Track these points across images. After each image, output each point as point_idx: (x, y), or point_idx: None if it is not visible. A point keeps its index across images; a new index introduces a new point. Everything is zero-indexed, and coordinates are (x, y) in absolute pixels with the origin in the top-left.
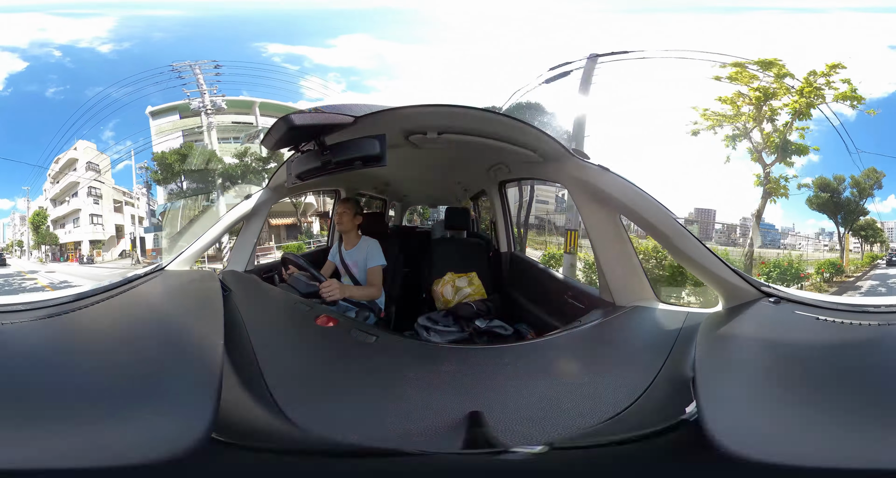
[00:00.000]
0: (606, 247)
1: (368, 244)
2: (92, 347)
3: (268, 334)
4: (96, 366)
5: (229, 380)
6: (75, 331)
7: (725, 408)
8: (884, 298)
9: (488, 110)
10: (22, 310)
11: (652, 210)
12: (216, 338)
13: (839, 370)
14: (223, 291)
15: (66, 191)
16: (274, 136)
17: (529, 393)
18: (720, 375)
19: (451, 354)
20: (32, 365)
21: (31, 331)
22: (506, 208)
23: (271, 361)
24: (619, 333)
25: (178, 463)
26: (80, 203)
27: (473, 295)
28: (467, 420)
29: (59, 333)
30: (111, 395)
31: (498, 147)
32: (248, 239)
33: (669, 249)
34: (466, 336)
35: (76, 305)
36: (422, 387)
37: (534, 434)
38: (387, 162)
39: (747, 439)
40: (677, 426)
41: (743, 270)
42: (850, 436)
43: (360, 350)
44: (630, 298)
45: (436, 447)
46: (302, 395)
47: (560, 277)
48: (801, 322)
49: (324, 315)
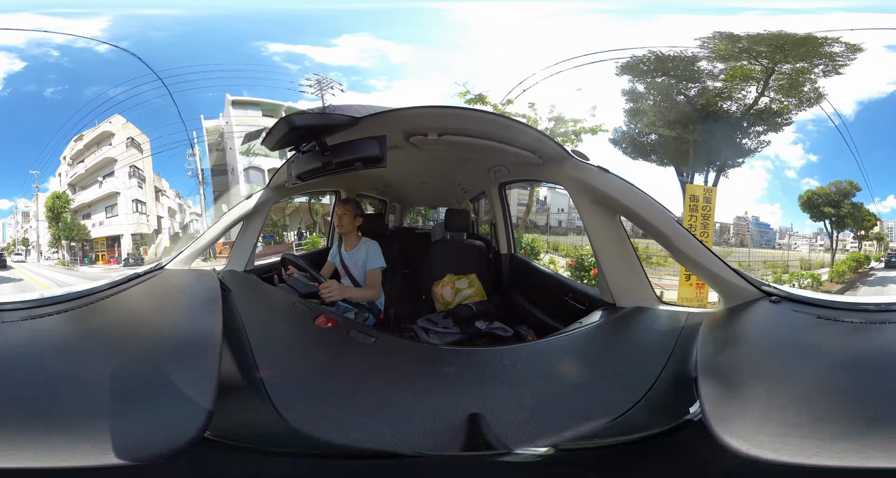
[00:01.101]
0: (607, 248)
1: (368, 246)
2: (90, 345)
3: (266, 335)
4: (94, 365)
5: (227, 380)
6: (74, 330)
7: (729, 407)
8: (884, 298)
9: (488, 112)
10: (20, 308)
11: (651, 211)
12: (215, 338)
13: (840, 369)
14: (222, 290)
15: (93, 171)
16: (275, 136)
17: (531, 394)
18: (722, 374)
19: (450, 355)
20: (29, 364)
21: (29, 329)
22: (506, 210)
23: (269, 361)
24: (620, 333)
25: (170, 463)
26: (119, 185)
27: (473, 297)
28: (467, 422)
29: (57, 332)
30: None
31: (498, 149)
32: (248, 239)
33: (670, 249)
34: (466, 338)
35: (74, 303)
36: (421, 389)
37: (536, 436)
38: (387, 163)
39: (752, 439)
40: (682, 427)
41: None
42: (851, 434)
43: (358, 351)
44: (631, 298)
45: (435, 449)
46: (299, 396)
47: (560, 279)
48: (801, 321)
49: (323, 316)
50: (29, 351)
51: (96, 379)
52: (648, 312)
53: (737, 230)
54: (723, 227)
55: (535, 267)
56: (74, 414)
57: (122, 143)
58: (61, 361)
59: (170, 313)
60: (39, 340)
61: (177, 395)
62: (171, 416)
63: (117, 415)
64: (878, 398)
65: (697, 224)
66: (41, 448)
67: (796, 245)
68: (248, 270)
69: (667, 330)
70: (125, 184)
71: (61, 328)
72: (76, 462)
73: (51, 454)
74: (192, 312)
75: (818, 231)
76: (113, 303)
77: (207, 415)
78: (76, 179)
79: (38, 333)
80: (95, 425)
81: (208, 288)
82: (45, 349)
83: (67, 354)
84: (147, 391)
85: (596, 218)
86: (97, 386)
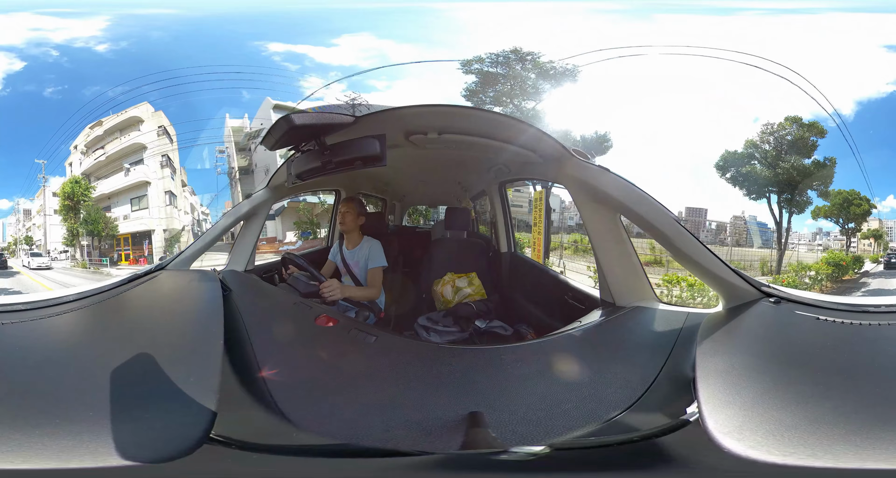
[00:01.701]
0: (606, 247)
1: (370, 245)
2: (92, 347)
3: (267, 334)
4: (96, 365)
5: (229, 379)
6: (76, 331)
7: (726, 408)
8: (884, 298)
9: (488, 111)
10: (22, 309)
11: (652, 210)
12: (216, 338)
13: (839, 370)
14: (223, 290)
15: (117, 158)
16: (274, 135)
17: (530, 393)
18: (721, 375)
19: (450, 354)
20: (32, 365)
21: (31, 330)
22: (506, 209)
23: (271, 360)
24: (619, 333)
25: (176, 463)
26: (150, 173)
27: (473, 295)
28: (467, 420)
29: (60, 333)
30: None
31: (498, 147)
32: (249, 239)
33: (669, 249)
34: (466, 336)
35: (76, 305)
36: (421, 387)
37: (534, 435)
38: (387, 162)
39: (748, 439)
40: (679, 427)
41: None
42: (851, 436)
43: (359, 350)
44: (630, 298)
45: (435, 447)
46: (301, 395)
47: (560, 278)
48: (801, 322)
49: (323, 315)
50: (32, 352)
51: (99, 380)
52: (648, 312)
53: (734, 229)
54: (720, 226)
55: (535, 266)
56: (77, 415)
57: (153, 131)
58: (64, 362)
59: (171, 314)
60: (43, 342)
61: (180, 396)
62: (175, 417)
63: (120, 416)
64: (878, 400)
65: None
66: (44, 449)
67: (793, 245)
68: (249, 269)
69: (666, 330)
70: (157, 173)
71: (64, 329)
72: (79, 464)
73: (53, 455)
74: (193, 313)
75: (817, 230)
76: (115, 304)
77: (211, 416)
78: (93, 168)
79: (42, 334)
80: (99, 427)
81: (209, 288)
82: (48, 350)
83: (70, 355)
84: (150, 392)
85: (596, 217)
86: (100, 387)
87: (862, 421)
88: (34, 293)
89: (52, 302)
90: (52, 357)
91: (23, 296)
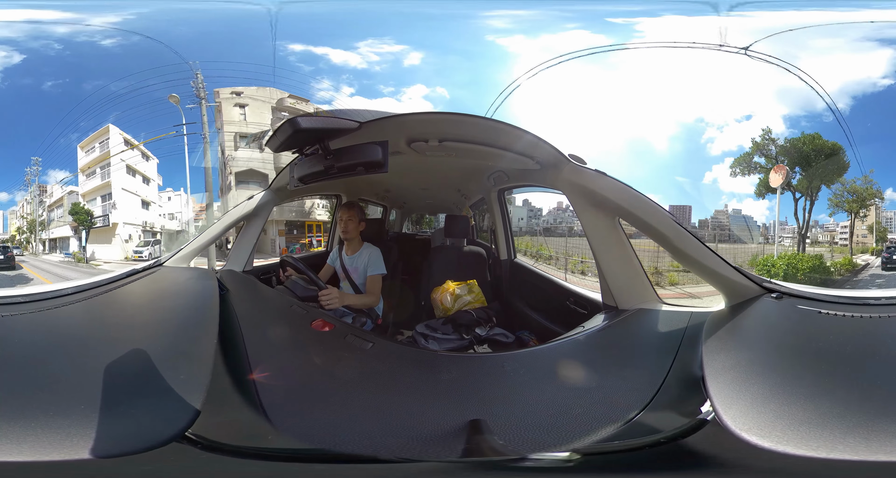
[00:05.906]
0: (607, 251)
1: (370, 251)
2: (88, 340)
3: (262, 336)
4: (91, 359)
5: (219, 380)
6: (72, 324)
7: (739, 405)
8: (885, 291)
9: (488, 118)
10: (20, 302)
11: (650, 212)
12: (210, 337)
13: (843, 363)
14: (220, 290)
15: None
16: (279, 138)
17: (536, 400)
18: (728, 372)
19: (449, 361)
20: (27, 357)
21: (27, 323)
22: (506, 216)
23: (263, 363)
24: (624, 336)
25: (146, 458)
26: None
27: (473, 303)
28: (468, 428)
29: (56, 326)
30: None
31: (497, 154)
32: (248, 239)
33: (670, 249)
34: (466, 344)
35: (73, 298)
36: (417, 394)
37: (549, 441)
38: (388, 169)
39: (772, 435)
40: (699, 426)
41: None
42: (855, 428)
43: (355, 356)
44: (633, 300)
45: (432, 455)
46: (291, 399)
47: (561, 284)
48: (804, 316)
49: (320, 319)
50: (28, 344)
51: (92, 375)
52: (651, 314)
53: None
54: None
55: (536, 272)
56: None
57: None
58: (59, 355)
59: (166, 311)
60: (38, 334)
61: (166, 392)
62: (155, 414)
63: (107, 411)
64: (882, 391)
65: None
66: (36, 442)
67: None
68: (247, 270)
69: (671, 331)
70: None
71: (61, 323)
72: (59, 456)
73: (41, 449)
74: (189, 311)
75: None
76: (111, 298)
77: (193, 414)
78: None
79: (39, 326)
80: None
81: (206, 287)
82: (43, 343)
83: (66, 348)
84: (138, 388)
85: (595, 221)
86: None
87: (866, 413)
88: (32, 286)
89: (50, 295)
90: (45, 351)
91: (21, 288)
